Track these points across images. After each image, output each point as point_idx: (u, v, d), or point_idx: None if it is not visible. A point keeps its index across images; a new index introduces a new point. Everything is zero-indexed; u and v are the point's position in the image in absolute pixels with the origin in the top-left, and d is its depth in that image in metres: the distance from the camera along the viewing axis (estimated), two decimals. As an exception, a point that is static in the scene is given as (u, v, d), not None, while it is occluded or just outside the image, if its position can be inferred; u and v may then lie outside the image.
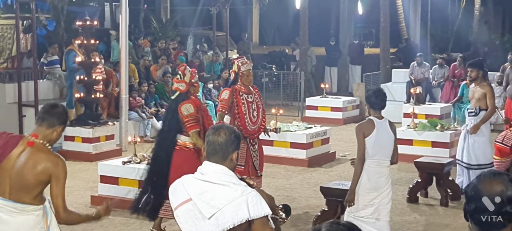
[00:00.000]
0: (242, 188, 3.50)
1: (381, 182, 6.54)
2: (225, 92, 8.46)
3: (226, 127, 3.69)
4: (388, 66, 20.05)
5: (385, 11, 20.40)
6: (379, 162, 6.52)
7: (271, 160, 11.50)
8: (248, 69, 8.42)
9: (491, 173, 2.83)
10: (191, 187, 3.57)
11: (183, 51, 19.07)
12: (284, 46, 27.05)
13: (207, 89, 15.82)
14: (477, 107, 9.14)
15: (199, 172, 3.60)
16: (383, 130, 6.52)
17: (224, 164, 3.57)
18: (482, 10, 30.21)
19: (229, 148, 3.59)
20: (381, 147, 6.50)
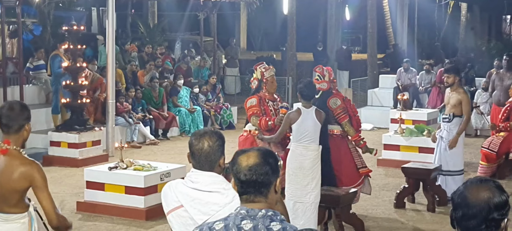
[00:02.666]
0: (233, 193, 3.47)
1: (306, 164, 7.23)
2: (251, 100, 8.08)
3: (209, 133, 3.60)
4: (375, 72, 20.09)
5: (372, 17, 20.46)
6: (304, 146, 7.26)
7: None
8: (272, 75, 8.19)
9: (477, 179, 2.82)
10: (182, 194, 3.54)
11: (170, 57, 19.03)
12: (272, 51, 27.06)
13: (194, 95, 15.78)
14: (451, 114, 9.11)
15: (189, 180, 3.57)
16: (309, 117, 7.29)
17: (213, 170, 3.54)
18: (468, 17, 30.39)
19: (215, 154, 3.55)
20: (305, 132, 7.26)
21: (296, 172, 7.26)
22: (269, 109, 8.05)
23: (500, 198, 2.73)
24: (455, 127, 9.09)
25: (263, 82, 8.15)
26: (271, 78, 8.14)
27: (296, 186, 7.26)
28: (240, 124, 16.66)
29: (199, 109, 15.43)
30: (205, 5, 18.53)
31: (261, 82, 8.17)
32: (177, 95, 15.30)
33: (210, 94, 16.30)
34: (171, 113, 14.92)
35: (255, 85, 8.26)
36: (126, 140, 13.41)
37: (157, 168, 8.78)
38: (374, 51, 20.67)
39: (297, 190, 7.26)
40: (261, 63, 8.55)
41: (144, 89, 14.94)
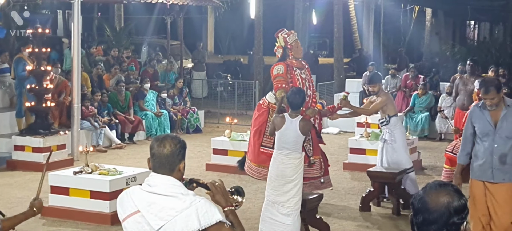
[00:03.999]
0: (191, 198, 3.45)
1: (288, 172, 7.12)
2: (278, 67, 7.79)
3: (170, 137, 3.59)
4: (341, 76, 20.23)
5: (339, 21, 20.60)
6: (286, 154, 7.13)
7: (225, 170, 11.49)
8: (296, 39, 7.92)
9: (436, 184, 2.86)
10: (139, 198, 3.52)
11: (136, 60, 18.92)
12: (239, 55, 27.08)
13: (161, 99, 15.71)
14: (387, 116, 9.37)
15: (146, 184, 3.55)
16: (292, 128, 7.07)
17: (172, 175, 3.53)
18: (433, 22, 30.78)
19: (176, 159, 3.54)
20: (285, 142, 7.12)
21: (278, 178, 7.18)
22: (296, 78, 7.78)
23: (459, 202, 2.78)
24: (394, 126, 9.30)
25: (288, 48, 7.87)
26: (296, 43, 7.89)
27: (277, 191, 7.19)
28: (207, 127, 16.66)
29: (165, 113, 15.37)
30: (172, 8, 18.46)
31: (286, 49, 7.90)
32: (144, 99, 15.23)
33: (177, 98, 16.25)
34: (138, 117, 14.84)
35: (279, 53, 8.03)
36: (92, 144, 13.29)
37: (122, 172, 8.73)
38: (341, 56, 20.82)
39: (278, 195, 7.19)
40: (281, 30, 8.23)
41: (110, 93, 14.84)
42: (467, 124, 6.82)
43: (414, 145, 11.90)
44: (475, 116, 6.70)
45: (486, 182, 6.63)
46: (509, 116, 6.53)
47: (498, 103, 6.51)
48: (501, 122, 6.52)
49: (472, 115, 6.75)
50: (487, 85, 6.54)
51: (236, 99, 18.28)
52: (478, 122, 6.64)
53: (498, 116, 6.55)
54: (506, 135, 6.53)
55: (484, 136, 6.60)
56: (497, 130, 6.53)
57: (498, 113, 6.54)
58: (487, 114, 6.57)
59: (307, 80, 7.93)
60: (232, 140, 11.71)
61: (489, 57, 23.85)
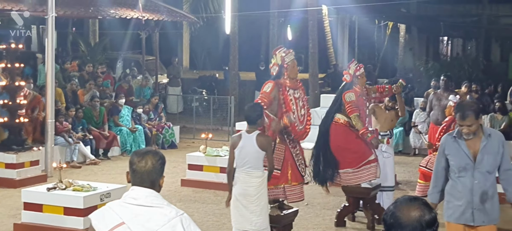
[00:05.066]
0: (176, 210, 3.50)
1: (251, 191, 6.97)
2: (268, 85, 7.68)
3: (152, 153, 3.59)
4: (316, 92, 20.31)
5: (314, 37, 20.71)
6: (247, 172, 6.97)
7: (200, 185, 11.46)
8: (293, 59, 7.80)
9: (406, 199, 2.89)
10: (123, 211, 3.51)
11: (111, 75, 18.85)
12: (214, 70, 27.09)
13: (136, 114, 15.65)
14: (392, 130, 9.69)
15: (129, 197, 3.54)
16: (249, 143, 6.93)
17: (153, 189, 3.54)
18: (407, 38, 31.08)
19: (157, 174, 3.54)
20: (245, 158, 6.96)
21: (240, 198, 7.02)
22: (289, 98, 7.66)
23: (430, 215, 2.82)
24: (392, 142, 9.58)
25: (284, 67, 7.74)
26: (292, 63, 7.76)
27: (240, 212, 7.04)
28: (182, 143, 16.61)
29: (140, 129, 15.31)
30: (147, 24, 18.46)
31: (281, 67, 7.76)
32: (119, 114, 15.16)
33: (152, 114, 16.20)
34: (112, 132, 14.76)
35: (275, 71, 7.85)
36: (66, 160, 13.19)
37: (97, 188, 8.67)
38: (316, 71, 20.91)
39: (241, 216, 7.05)
40: (280, 47, 8.12)
41: (85, 109, 14.75)
42: (439, 156, 5.88)
43: (388, 160, 11.95)
44: (449, 147, 5.73)
45: (466, 226, 5.74)
46: (490, 147, 5.63)
47: (476, 131, 5.60)
48: (481, 154, 5.61)
49: (445, 146, 5.77)
50: (464, 110, 5.55)
51: (212, 114, 18.26)
52: (453, 154, 5.70)
53: (476, 146, 5.63)
54: (487, 169, 5.64)
55: (462, 170, 5.67)
56: (477, 164, 5.62)
57: (477, 144, 5.63)
58: (463, 145, 5.64)
59: (301, 100, 7.87)
60: (207, 155, 11.69)
61: (462, 72, 24.14)
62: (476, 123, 5.56)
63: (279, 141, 7.70)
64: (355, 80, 8.69)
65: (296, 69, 7.86)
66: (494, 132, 5.86)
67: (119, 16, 17.32)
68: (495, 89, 19.44)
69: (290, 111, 7.68)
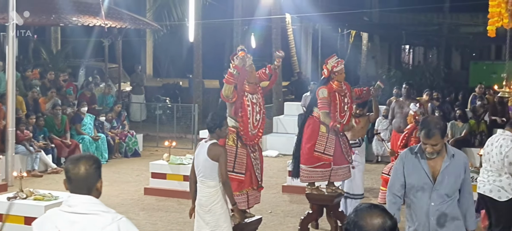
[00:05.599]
0: (112, 215, 3.47)
1: (203, 201, 6.95)
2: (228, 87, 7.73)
3: (85, 158, 3.58)
4: (280, 99, 20.38)
5: (277, 45, 20.77)
6: (200, 180, 6.99)
7: (163, 194, 11.40)
8: (251, 64, 7.78)
9: (366, 206, 2.91)
10: (60, 220, 3.50)
11: (73, 83, 18.66)
12: (178, 78, 27.00)
13: (99, 122, 15.51)
14: (360, 138, 9.64)
15: (66, 205, 3.53)
16: (201, 152, 6.95)
17: (91, 194, 3.52)
18: (369, 46, 31.39)
19: (93, 178, 3.53)
20: (198, 166, 6.98)
21: (197, 208, 7.02)
22: (246, 104, 7.70)
23: (391, 222, 2.85)
24: (363, 151, 9.54)
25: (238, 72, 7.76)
26: (250, 68, 7.76)
27: (197, 222, 7.02)
28: (146, 151, 16.51)
29: (103, 137, 15.18)
30: (110, 31, 18.32)
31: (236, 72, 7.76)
32: (81, 122, 15.02)
33: (115, 122, 16.08)
34: (74, 141, 14.61)
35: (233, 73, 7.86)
36: (27, 169, 13.01)
37: (58, 197, 8.56)
38: (279, 79, 20.96)
39: (197, 228, 7.03)
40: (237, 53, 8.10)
41: (46, 117, 14.58)
42: (397, 172, 5.36)
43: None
44: (408, 163, 5.27)
45: None
46: (452, 169, 5.19)
47: (439, 151, 5.16)
48: (442, 176, 5.17)
49: (404, 162, 5.29)
50: (430, 128, 5.09)
51: (175, 122, 18.19)
52: (412, 171, 5.25)
53: (438, 166, 5.19)
54: (446, 192, 5.19)
55: (418, 190, 5.24)
56: (437, 185, 5.19)
57: (439, 163, 5.19)
58: (424, 163, 5.19)
59: (258, 105, 7.87)
60: (171, 163, 11.64)
61: (423, 80, 24.49)
62: (441, 142, 5.13)
63: (241, 145, 7.71)
64: (333, 75, 8.62)
65: (255, 73, 7.89)
66: (459, 153, 5.35)
67: (82, 24, 17.17)
68: (456, 97, 19.73)
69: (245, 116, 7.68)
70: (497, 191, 7.33)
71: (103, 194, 3.62)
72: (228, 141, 7.65)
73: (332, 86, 8.64)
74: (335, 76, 8.63)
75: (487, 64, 31.01)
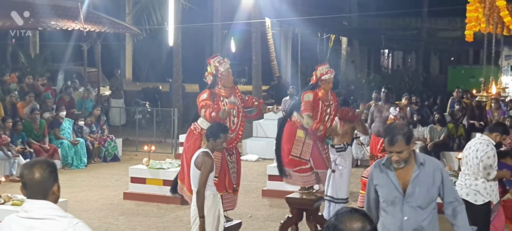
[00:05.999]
0: (69, 220, 3.48)
1: (192, 209, 6.98)
2: (203, 95, 7.81)
3: (39, 162, 3.57)
4: (260, 104, 20.38)
5: (257, 49, 20.83)
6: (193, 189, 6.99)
7: (143, 198, 11.35)
8: (228, 68, 7.83)
9: (346, 211, 2.92)
10: (17, 226, 3.50)
11: (52, 88, 18.54)
12: (158, 82, 26.93)
13: (78, 127, 15.42)
14: (345, 143, 9.59)
15: (22, 210, 3.53)
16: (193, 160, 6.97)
17: (47, 198, 3.51)
18: (348, 50, 31.50)
19: (48, 182, 3.52)
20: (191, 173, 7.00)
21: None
22: (222, 107, 7.70)
23: (371, 226, 2.86)
24: (348, 155, 9.56)
25: (218, 77, 7.81)
26: (227, 72, 7.78)
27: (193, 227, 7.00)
28: (125, 155, 16.44)
29: (82, 142, 15.09)
30: (89, 35, 18.22)
31: (216, 77, 7.83)
32: (59, 127, 14.92)
33: (94, 126, 16.00)
34: (53, 145, 14.52)
35: (210, 80, 7.93)
36: (5, 174, 12.91)
37: (37, 202, 8.49)
38: (259, 83, 21.02)
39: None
40: (215, 57, 8.15)
41: (24, 121, 14.47)
42: (368, 186, 5.00)
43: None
44: (377, 176, 4.89)
45: None
46: (422, 178, 4.77)
47: (407, 159, 4.74)
48: (413, 186, 4.76)
49: (373, 175, 4.93)
50: (392, 134, 4.71)
51: (155, 127, 18.13)
52: (381, 185, 4.86)
53: (407, 176, 4.79)
54: (419, 204, 4.79)
55: (389, 204, 4.84)
56: (407, 197, 4.78)
57: (408, 174, 4.78)
58: (392, 175, 4.79)
59: (235, 108, 7.89)
60: (150, 168, 11.60)
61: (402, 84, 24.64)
62: (407, 149, 4.68)
63: None
64: (320, 83, 8.64)
65: (231, 77, 7.94)
66: (429, 159, 4.91)
67: (60, 28, 17.06)
68: (435, 101, 19.88)
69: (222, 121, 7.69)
70: (473, 194, 7.40)
71: (82, 199, 3.62)
72: (203, 143, 7.69)
73: (317, 93, 8.65)
74: (322, 84, 8.65)
75: (465, 69, 31.27)
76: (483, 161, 7.27)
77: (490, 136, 7.42)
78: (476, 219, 7.46)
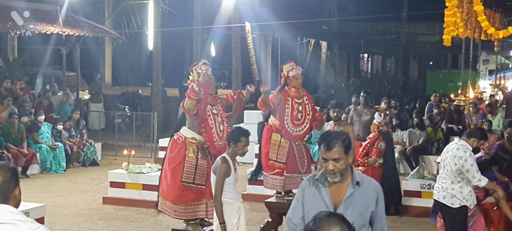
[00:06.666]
0: (29, 224, 3.45)
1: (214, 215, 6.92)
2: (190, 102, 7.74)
3: (0, 166, 3.57)
4: (240, 108, 20.39)
5: (237, 53, 20.84)
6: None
7: (122, 203, 11.30)
8: (210, 75, 7.77)
9: (325, 215, 2.92)
10: None
11: (30, 92, 18.41)
12: (138, 86, 26.84)
13: (57, 131, 15.32)
14: None
15: None
16: None
17: (8, 203, 3.50)
18: (328, 55, 31.65)
19: (9, 187, 3.51)
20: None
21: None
22: (207, 114, 7.67)
23: (350, 230, 2.86)
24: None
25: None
26: (209, 79, 7.73)
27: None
28: (104, 160, 16.36)
29: (61, 146, 14.99)
30: (68, 39, 18.13)
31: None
32: (38, 131, 14.81)
33: (73, 131, 15.90)
34: (31, 150, 14.41)
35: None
36: (-18, 179, 12.75)
37: (15, 207, 8.41)
38: (239, 87, 20.99)
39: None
40: (196, 64, 8.12)
41: (2, 126, 14.35)
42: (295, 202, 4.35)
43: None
44: (309, 193, 4.28)
45: None
46: (357, 199, 4.19)
47: (344, 172, 4.17)
48: (345, 206, 4.16)
49: (304, 191, 4.30)
50: (330, 139, 4.17)
51: (134, 131, 18.06)
52: (310, 201, 4.24)
53: (341, 195, 4.20)
54: None
55: None
56: None
57: (342, 192, 4.20)
58: (325, 193, 4.21)
59: (219, 116, 7.87)
60: (130, 172, 11.55)
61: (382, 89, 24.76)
62: (345, 159, 4.14)
63: (201, 156, 7.71)
64: (288, 81, 8.72)
65: (214, 84, 7.92)
66: (369, 181, 4.32)
67: (39, 31, 16.96)
68: (414, 105, 20.00)
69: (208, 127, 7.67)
70: (450, 197, 7.45)
71: (61, 203, 3.60)
72: (188, 153, 7.67)
73: (287, 92, 8.73)
74: (291, 82, 8.71)
75: (444, 73, 31.53)
76: (464, 166, 7.30)
77: (467, 141, 7.45)
78: (453, 222, 7.54)
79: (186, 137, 7.77)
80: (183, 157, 7.67)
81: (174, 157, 7.81)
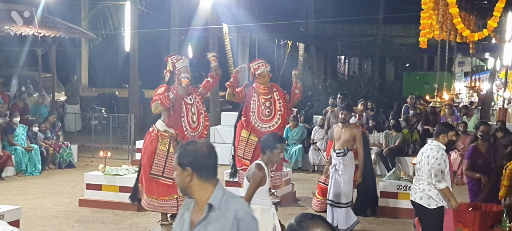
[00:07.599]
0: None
1: None
2: (161, 89, 7.89)
3: None
4: (217, 109, 20.40)
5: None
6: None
7: (99, 205, 11.24)
8: (185, 65, 7.87)
9: (309, 217, 2.93)
10: None
11: (5, 93, 18.24)
12: (114, 88, 26.70)
13: (32, 133, 15.19)
14: (345, 148, 9.52)
15: None
16: None
17: None
18: (305, 56, 31.71)
19: None
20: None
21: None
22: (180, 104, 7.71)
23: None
24: (349, 160, 9.46)
25: (175, 73, 7.87)
26: (184, 69, 7.81)
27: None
28: (81, 162, 16.25)
29: (37, 148, 14.86)
30: (44, 40, 17.96)
31: (173, 74, 7.89)
32: (13, 133, 14.67)
33: (49, 132, 15.78)
34: (6, 152, 14.27)
35: (167, 77, 8.03)
36: (-44, 181, 12.64)
37: (-10, 210, 8.35)
38: (216, 89, 20.96)
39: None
40: (173, 55, 8.26)
41: (-23, 128, 14.21)
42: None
43: (288, 177, 12.12)
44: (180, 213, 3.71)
45: None
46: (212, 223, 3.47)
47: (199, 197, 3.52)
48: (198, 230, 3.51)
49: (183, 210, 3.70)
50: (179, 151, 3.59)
51: (111, 133, 17.96)
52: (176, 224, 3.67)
53: (196, 216, 3.54)
54: None
55: None
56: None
57: (198, 214, 3.54)
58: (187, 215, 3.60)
59: (194, 106, 7.91)
60: (106, 174, 11.49)
61: (358, 90, 24.87)
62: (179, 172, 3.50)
63: (173, 150, 7.74)
64: (256, 77, 9.17)
65: (189, 74, 8.01)
66: (225, 206, 3.49)
67: (14, 32, 16.79)
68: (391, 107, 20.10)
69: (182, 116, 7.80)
70: (426, 198, 7.52)
71: (36, 206, 3.58)
72: (160, 145, 7.72)
73: (254, 88, 8.97)
74: (258, 79, 8.95)
75: (420, 75, 31.75)
76: (434, 167, 7.39)
77: (438, 140, 7.54)
78: (430, 222, 7.61)
79: (159, 130, 7.85)
80: (154, 149, 7.73)
81: (146, 148, 7.97)
